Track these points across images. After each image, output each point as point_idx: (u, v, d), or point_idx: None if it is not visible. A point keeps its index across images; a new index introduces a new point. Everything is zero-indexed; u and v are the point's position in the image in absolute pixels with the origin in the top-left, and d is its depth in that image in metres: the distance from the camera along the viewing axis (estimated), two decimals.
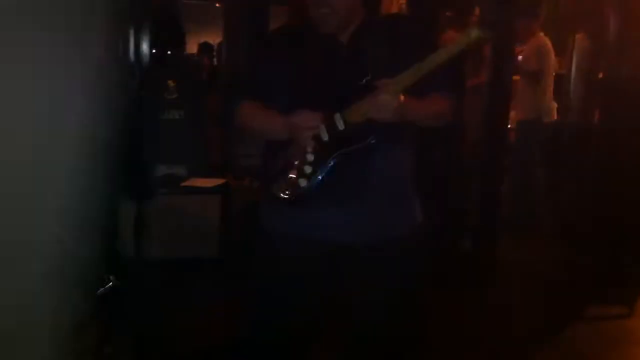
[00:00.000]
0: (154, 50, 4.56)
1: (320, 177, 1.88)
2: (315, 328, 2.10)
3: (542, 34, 5.37)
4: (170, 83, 4.60)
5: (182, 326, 3.28)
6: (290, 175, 1.91)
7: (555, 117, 5.52)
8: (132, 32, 4.45)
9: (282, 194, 1.92)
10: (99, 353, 2.90)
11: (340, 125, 1.87)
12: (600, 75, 5.38)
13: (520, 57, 5.30)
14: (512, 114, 5.69)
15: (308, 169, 1.89)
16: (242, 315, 2.25)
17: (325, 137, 1.87)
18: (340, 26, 1.96)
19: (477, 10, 5.14)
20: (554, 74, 5.48)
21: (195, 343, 3.15)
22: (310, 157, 1.89)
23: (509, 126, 5.31)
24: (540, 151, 5.51)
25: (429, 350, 2.72)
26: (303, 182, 1.89)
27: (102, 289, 3.33)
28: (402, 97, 1.81)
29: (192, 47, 7.62)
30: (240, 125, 2.09)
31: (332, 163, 1.88)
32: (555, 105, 5.54)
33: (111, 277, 3.38)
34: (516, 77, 5.51)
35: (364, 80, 1.85)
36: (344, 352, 2.13)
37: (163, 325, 3.23)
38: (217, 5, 7.51)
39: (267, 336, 2.05)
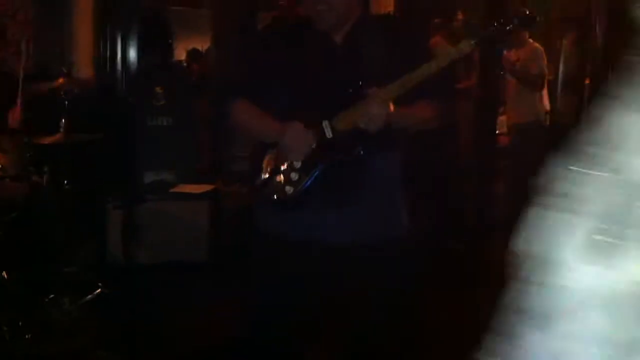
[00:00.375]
0: (141, 57, 4.54)
1: (306, 185, 1.88)
2: (313, 328, 2.09)
3: (531, 40, 5.39)
4: (158, 90, 4.58)
5: (172, 329, 3.25)
6: (278, 181, 1.90)
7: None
8: (119, 39, 4.44)
9: (270, 197, 1.92)
10: (93, 356, 2.88)
11: (328, 134, 1.87)
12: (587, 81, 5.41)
13: (517, 62, 5.28)
14: (503, 118, 5.71)
15: (295, 176, 1.89)
16: (233, 318, 2.24)
17: (313, 144, 1.87)
18: (338, 23, 1.94)
19: (461, 16, 5.17)
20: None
21: (185, 346, 3.13)
22: (297, 164, 1.89)
23: (498, 131, 5.33)
24: (540, 154, 5.48)
25: (427, 350, 2.71)
26: (290, 190, 1.89)
27: (90, 295, 3.32)
28: (391, 107, 1.81)
29: (180, 54, 7.61)
30: (233, 123, 2.09)
31: (317, 172, 1.88)
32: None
33: (99, 284, 3.37)
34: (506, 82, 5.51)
35: (350, 90, 1.85)
36: (342, 352, 2.12)
37: (154, 328, 3.20)
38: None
39: (264, 337, 2.03)
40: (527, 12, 1.86)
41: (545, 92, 5.45)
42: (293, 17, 2.17)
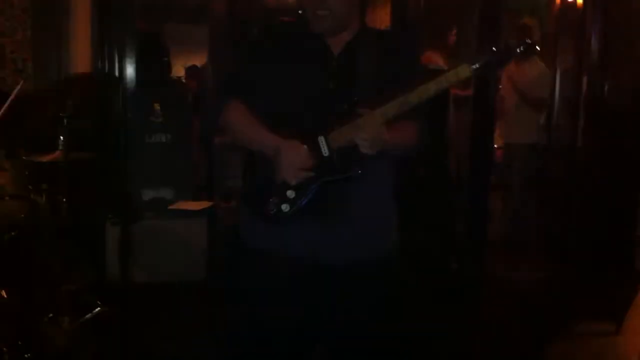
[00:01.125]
0: (139, 74, 4.56)
1: (303, 203, 1.87)
2: (300, 345, 2.06)
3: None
4: (156, 106, 4.60)
5: (169, 349, 3.25)
6: (273, 198, 1.90)
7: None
8: (117, 55, 4.46)
9: (265, 213, 1.91)
10: None
11: (325, 152, 1.86)
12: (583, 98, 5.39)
13: (523, 83, 5.17)
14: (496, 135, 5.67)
15: (291, 194, 1.88)
16: (230, 338, 2.23)
17: (309, 165, 1.86)
18: (337, 31, 1.93)
19: (454, 31, 5.16)
20: None
21: None
22: (293, 181, 1.88)
23: (495, 146, 5.30)
24: (543, 173, 5.43)
25: None
26: (286, 208, 1.88)
27: (90, 314, 3.31)
28: (385, 129, 1.81)
29: (179, 70, 7.61)
30: (224, 125, 2.03)
31: (314, 190, 1.88)
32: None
33: (99, 303, 3.37)
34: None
35: (345, 105, 1.84)
36: None
37: (151, 349, 3.20)
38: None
39: (253, 355, 2.02)
40: (528, 41, 1.87)
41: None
42: (290, 22, 2.15)
